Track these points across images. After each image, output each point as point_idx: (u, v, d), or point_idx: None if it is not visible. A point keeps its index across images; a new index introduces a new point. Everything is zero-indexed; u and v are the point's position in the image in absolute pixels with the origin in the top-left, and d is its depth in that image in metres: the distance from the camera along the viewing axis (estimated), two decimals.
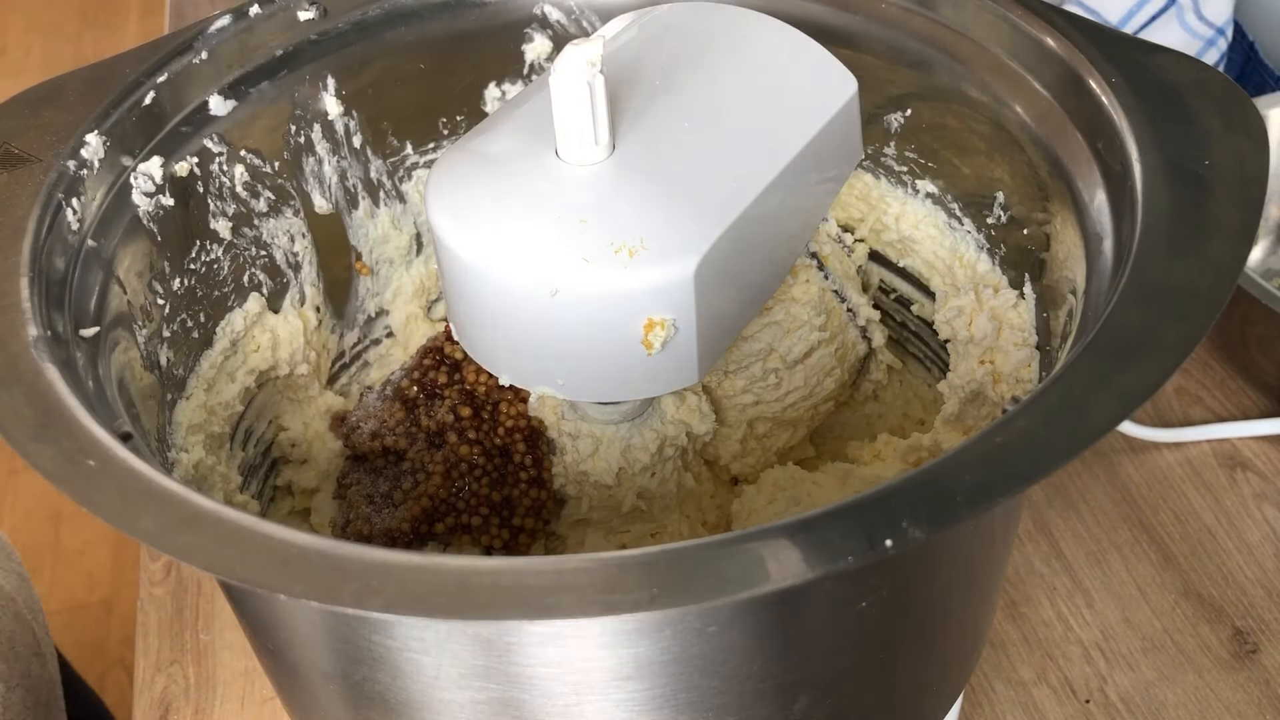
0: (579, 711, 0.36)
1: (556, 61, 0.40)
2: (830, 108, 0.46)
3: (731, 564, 0.29)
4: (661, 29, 0.49)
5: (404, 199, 0.58)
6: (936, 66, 0.51)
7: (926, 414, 0.59)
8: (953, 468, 0.32)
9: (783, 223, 0.46)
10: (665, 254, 0.40)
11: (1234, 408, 0.70)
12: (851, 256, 0.58)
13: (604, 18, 0.54)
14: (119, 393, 0.42)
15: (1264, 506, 0.66)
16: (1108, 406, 0.33)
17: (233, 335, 0.52)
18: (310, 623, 0.38)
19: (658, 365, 0.42)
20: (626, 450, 0.51)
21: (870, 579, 0.36)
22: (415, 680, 0.36)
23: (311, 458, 0.56)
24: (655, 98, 0.45)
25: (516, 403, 0.52)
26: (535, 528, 0.51)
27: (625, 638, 0.34)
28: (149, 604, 0.65)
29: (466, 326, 0.45)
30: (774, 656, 0.37)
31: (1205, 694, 0.58)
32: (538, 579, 0.29)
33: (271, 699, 0.60)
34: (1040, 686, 0.59)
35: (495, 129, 0.45)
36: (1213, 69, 0.43)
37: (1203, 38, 0.84)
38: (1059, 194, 0.46)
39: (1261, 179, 0.39)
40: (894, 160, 0.55)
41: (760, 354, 0.53)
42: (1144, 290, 0.36)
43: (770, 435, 0.56)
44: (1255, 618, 0.61)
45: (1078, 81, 0.45)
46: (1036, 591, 0.63)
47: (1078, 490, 0.67)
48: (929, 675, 0.45)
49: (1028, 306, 0.49)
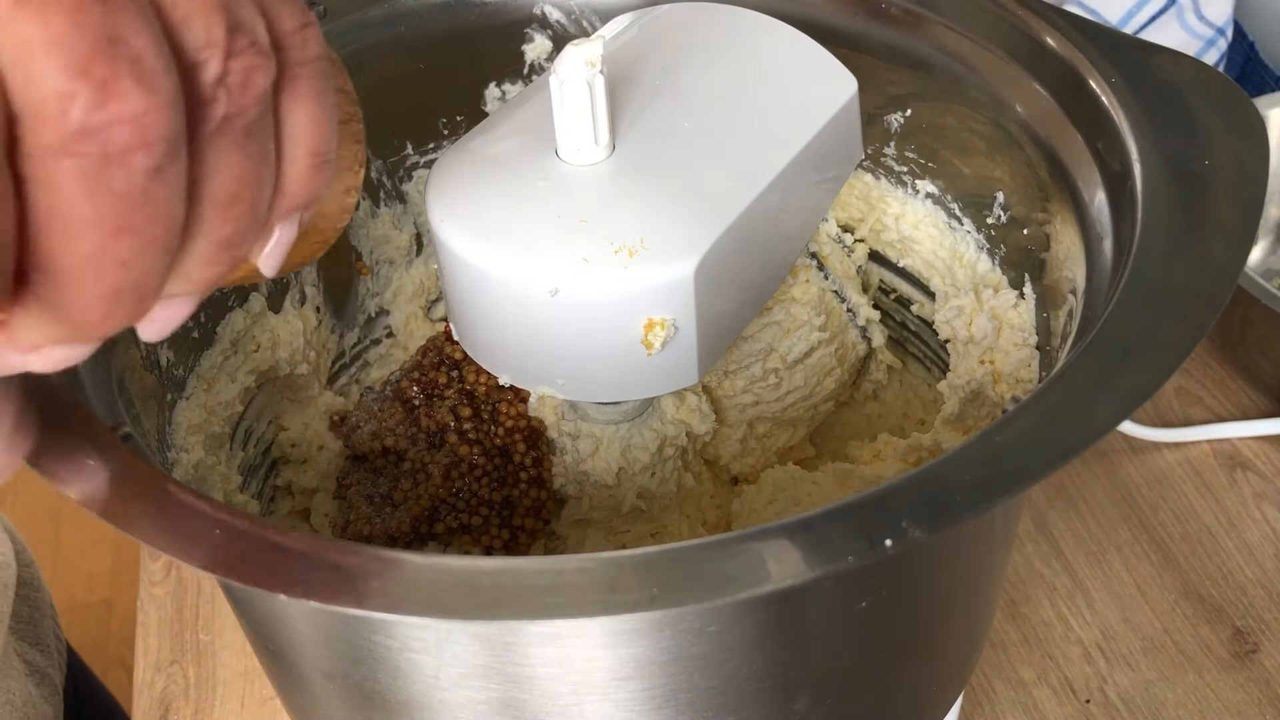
0: (579, 711, 0.36)
1: (556, 61, 0.40)
2: (830, 108, 0.46)
3: (731, 564, 0.29)
4: (661, 29, 0.49)
5: (404, 199, 0.58)
6: (936, 66, 0.51)
7: (926, 414, 0.59)
8: (953, 468, 0.32)
9: (783, 223, 0.46)
10: (665, 254, 0.40)
11: (1234, 408, 0.71)
12: (851, 256, 0.58)
13: (604, 18, 0.54)
14: (119, 393, 0.42)
15: (1264, 506, 0.66)
16: (1108, 406, 0.33)
17: (233, 335, 0.52)
18: (310, 623, 0.38)
19: (658, 365, 0.42)
20: (626, 450, 0.51)
21: (870, 579, 0.36)
22: (415, 680, 0.36)
23: (311, 458, 0.56)
24: (655, 98, 0.45)
25: (516, 403, 0.52)
26: (535, 528, 0.51)
27: (625, 638, 0.34)
28: (149, 604, 0.65)
29: (466, 326, 0.45)
30: (774, 656, 0.37)
31: (1205, 694, 0.58)
32: (538, 579, 0.29)
33: (271, 699, 0.60)
34: (1040, 686, 0.59)
35: (495, 129, 0.45)
36: (1213, 69, 0.43)
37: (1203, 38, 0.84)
38: (1059, 194, 0.46)
39: (1261, 179, 0.39)
40: (894, 160, 0.55)
41: (760, 354, 0.53)
42: (1144, 290, 0.36)
43: (770, 435, 0.56)
44: (1255, 618, 0.61)
45: (1078, 81, 0.45)
46: (1036, 591, 0.63)
47: (1078, 490, 0.67)
48: (929, 675, 0.45)
49: (1028, 306, 0.49)
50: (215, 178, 0.25)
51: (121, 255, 0.23)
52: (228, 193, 0.25)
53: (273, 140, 0.27)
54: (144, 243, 0.23)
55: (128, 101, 0.22)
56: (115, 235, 0.23)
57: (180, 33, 0.23)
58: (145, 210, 0.23)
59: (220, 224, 0.26)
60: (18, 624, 0.70)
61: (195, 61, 0.24)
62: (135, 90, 0.22)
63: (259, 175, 0.26)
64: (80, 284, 0.23)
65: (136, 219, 0.23)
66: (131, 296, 0.24)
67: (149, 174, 0.23)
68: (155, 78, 0.22)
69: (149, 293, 0.24)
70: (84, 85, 0.21)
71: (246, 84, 0.25)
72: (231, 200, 0.26)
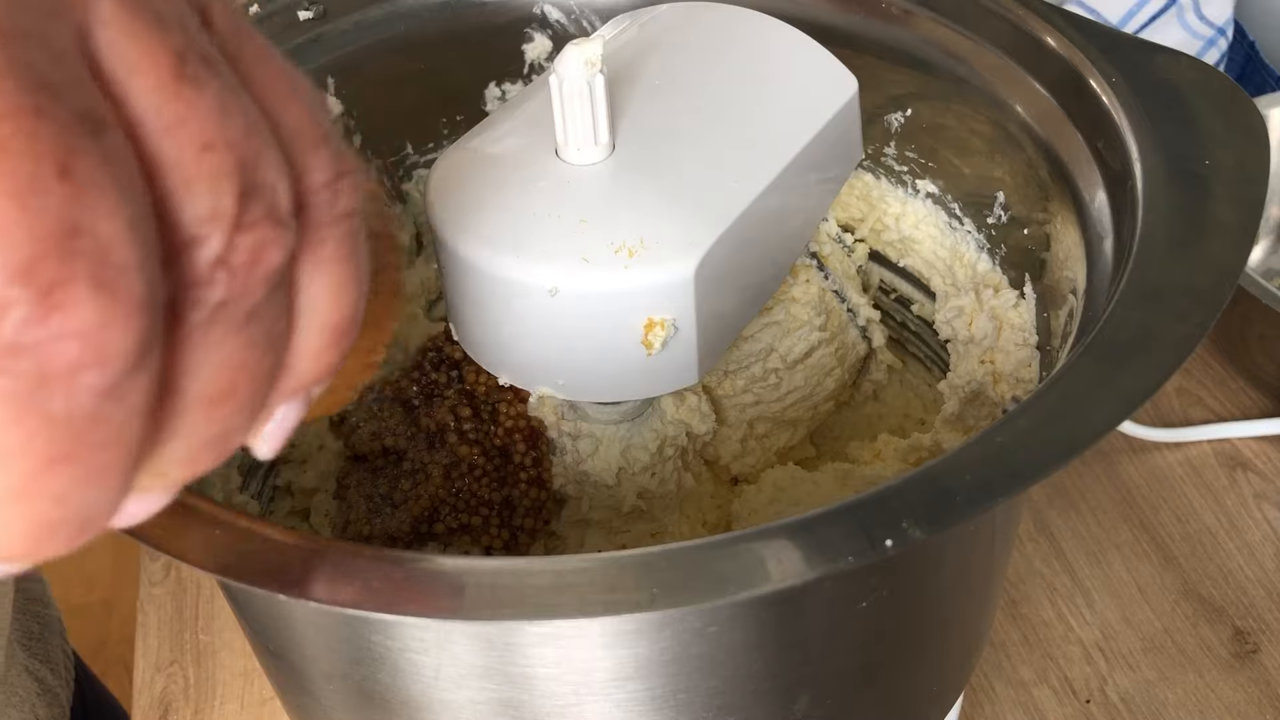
0: (579, 711, 0.36)
1: (556, 61, 0.40)
2: (830, 108, 0.46)
3: (731, 564, 0.29)
4: (661, 29, 0.49)
5: (404, 199, 0.58)
6: (936, 66, 0.51)
7: (926, 414, 0.59)
8: (953, 468, 0.32)
9: (783, 223, 0.46)
10: (665, 254, 0.40)
11: (1234, 408, 0.71)
12: (851, 256, 0.58)
13: (604, 18, 0.54)
14: None
15: (1264, 506, 0.66)
16: (1108, 406, 0.33)
17: None
18: (310, 623, 0.38)
19: (658, 365, 0.42)
20: (626, 450, 0.51)
21: (870, 579, 0.36)
22: (415, 680, 0.36)
23: (311, 458, 0.56)
24: (655, 98, 0.45)
25: (516, 403, 0.52)
26: (535, 528, 0.51)
27: (625, 638, 0.34)
28: (149, 604, 0.65)
29: (466, 326, 0.45)
30: (774, 656, 0.37)
31: (1205, 694, 0.58)
32: (538, 579, 0.29)
33: (271, 699, 0.60)
34: (1040, 686, 0.59)
35: (495, 129, 0.45)
36: (1213, 69, 0.43)
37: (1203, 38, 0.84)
38: (1059, 194, 0.46)
39: (1261, 179, 0.39)
40: (894, 160, 0.55)
41: (760, 354, 0.53)
42: (1144, 290, 0.36)
43: (770, 435, 0.56)
44: (1255, 618, 0.61)
45: (1078, 81, 0.45)
46: (1036, 591, 0.63)
47: (1078, 490, 0.67)
48: (929, 675, 0.45)
49: (1028, 306, 0.49)
50: (203, 371, 0.20)
51: (56, 489, 0.18)
52: (218, 389, 0.20)
53: (283, 319, 0.21)
54: (88, 474, 0.18)
55: (79, 313, 0.17)
56: (49, 467, 0.18)
57: (177, 201, 0.19)
58: (92, 436, 0.18)
59: (206, 424, 0.20)
60: (28, 641, 0.70)
61: (192, 237, 0.19)
62: (92, 299, 0.17)
63: (259, 366, 0.21)
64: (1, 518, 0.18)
65: (78, 448, 0.18)
66: (69, 528, 0.19)
67: (100, 394, 0.18)
68: (123, 278, 0.17)
69: (93, 523, 0.19)
70: (23, 292, 0.16)
71: (255, 263, 0.20)
72: (222, 397, 0.20)
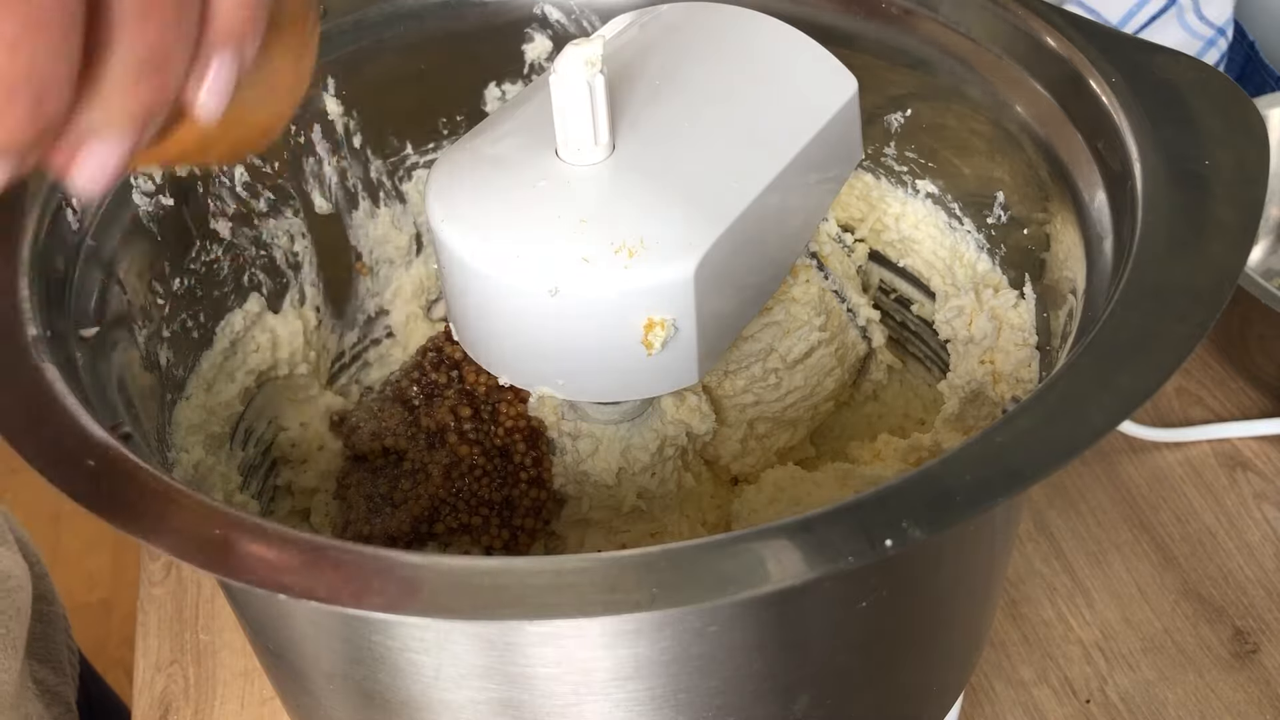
0: (579, 711, 0.36)
1: (556, 61, 0.40)
2: (830, 108, 0.46)
3: (731, 564, 0.29)
4: (661, 29, 0.49)
5: (404, 199, 0.58)
6: (936, 66, 0.51)
7: (926, 414, 0.59)
8: (953, 468, 0.32)
9: (783, 223, 0.46)
10: (665, 254, 0.40)
11: (1234, 408, 0.70)
12: (851, 256, 0.58)
13: (604, 18, 0.54)
14: (119, 393, 0.42)
15: (1264, 506, 0.66)
16: (1108, 406, 0.33)
17: (232, 335, 0.52)
18: (310, 623, 0.38)
19: (658, 365, 0.42)
20: (626, 450, 0.51)
21: (870, 579, 0.36)
22: (415, 680, 0.36)
23: (311, 458, 0.56)
24: (655, 98, 0.45)
25: (516, 403, 0.52)
26: (535, 528, 0.51)
27: (625, 638, 0.34)
28: (149, 604, 0.65)
29: (466, 326, 0.45)
30: (774, 656, 0.37)
31: (1205, 694, 0.58)
32: (538, 579, 0.29)
33: (271, 699, 0.60)
34: (1040, 686, 0.59)
35: (495, 129, 0.45)
36: (1213, 69, 0.43)
37: (1203, 38, 0.84)
38: (1059, 194, 0.46)
39: (1261, 179, 0.39)
40: (894, 160, 0.55)
41: (760, 354, 0.53)
42: (1144, 290, 0.36)
43: (770, 435, 0.56)
44: (1255, 618, 0.61)
45: (1078, 81, 0.45)
46: (1036, 591, 0.63)
47: (1078, 490, 0.67)
48: (929, 675, 0.45)
49: (1028, 306, 0.49)
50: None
51: (7, 32, 0.19)
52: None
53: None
54: (36, 21, 0.20)
55: None
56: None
57: None
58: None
59: (138, 29, 0.22)
60: (31, 642, 0.69)
61: None
62: None
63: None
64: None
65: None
66: (26, 95, 0.20)
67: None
68: None
69: (49, 96, 0.21)
70: None
71: None
72: (150, 8, 0.22)
